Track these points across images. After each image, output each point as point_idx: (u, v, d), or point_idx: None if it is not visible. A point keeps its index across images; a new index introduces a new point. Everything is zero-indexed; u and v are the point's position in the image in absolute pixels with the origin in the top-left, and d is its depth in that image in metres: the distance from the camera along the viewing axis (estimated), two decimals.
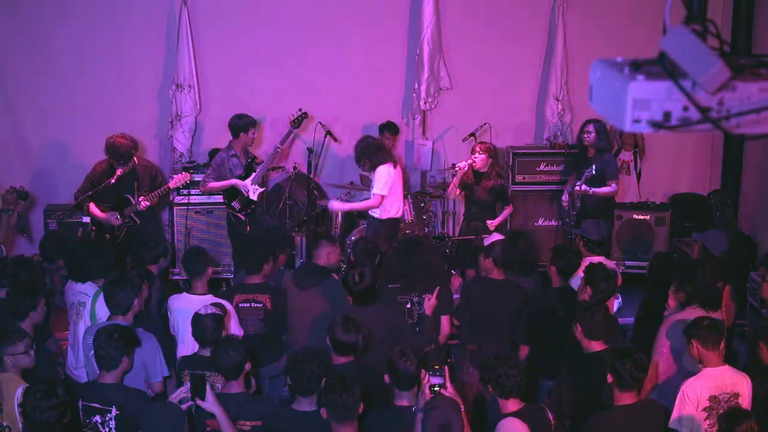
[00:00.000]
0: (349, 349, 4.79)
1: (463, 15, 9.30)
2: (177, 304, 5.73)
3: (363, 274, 5.39)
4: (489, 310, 5.91)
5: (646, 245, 8.78)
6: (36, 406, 4.05)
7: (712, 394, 4.69)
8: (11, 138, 8.91)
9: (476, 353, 5.89)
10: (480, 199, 7.81)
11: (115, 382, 4.61)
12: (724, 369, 4.78)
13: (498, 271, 6.01)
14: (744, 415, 4.26)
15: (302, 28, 9.09)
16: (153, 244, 6.21)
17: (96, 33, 8.83)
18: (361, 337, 4.78)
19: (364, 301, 5.41)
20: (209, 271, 5.79)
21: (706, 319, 4.91)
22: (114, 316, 5.18)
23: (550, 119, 9.28)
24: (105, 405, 4.50)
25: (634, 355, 4.45)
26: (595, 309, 5.01)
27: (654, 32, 7.32)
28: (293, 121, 7.91)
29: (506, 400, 4.38)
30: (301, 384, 4.34)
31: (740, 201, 9.34)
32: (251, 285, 5.86)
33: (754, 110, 2.12)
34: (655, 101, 2.13)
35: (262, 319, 5.77)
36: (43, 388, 4.13)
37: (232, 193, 7.69)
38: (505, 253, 6.03)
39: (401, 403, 4.41)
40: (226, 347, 4.55)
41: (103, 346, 4.57)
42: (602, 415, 4.51)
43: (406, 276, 5.72)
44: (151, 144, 9.10)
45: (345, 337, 4.76)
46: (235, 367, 4.54)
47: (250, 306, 5.77)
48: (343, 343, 4.77)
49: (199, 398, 4.27)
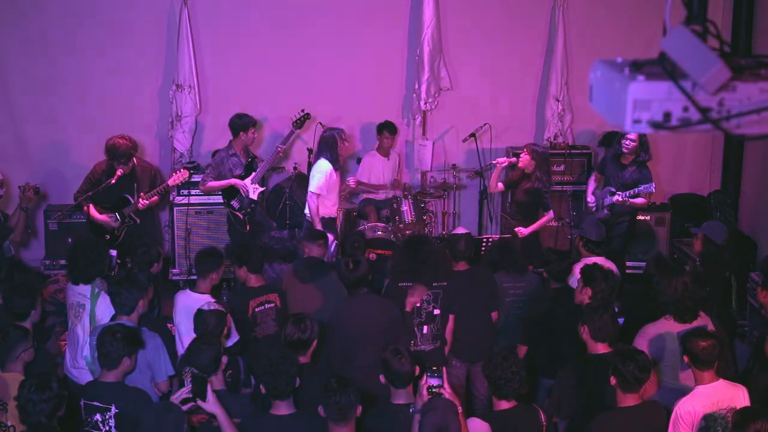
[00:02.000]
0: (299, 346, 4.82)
1: (463, 15, 9.30)
2: (180, 301, 5.76)
3: (358, 262, 5.45)
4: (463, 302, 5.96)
5: (647, 245, 8.78)
6: (30, 398, 4.10)
7: (707, 411, 4.55)
8: (11, 138, 8.92)
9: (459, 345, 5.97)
10: (518, 200, 7.80)
11: (115, 381, 4.63)
12: (717, 385, 4.64)
13: (461, 263, 6.08)
14: (758, 414, 4.22)
15: (302, 29, 9.08)
16: (145, 250, 6.17)
17: (96, 33, 8.84)
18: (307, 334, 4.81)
19: (359, 290, 5.45)
20: (213, 276, 5.78)
21: (705, 336, 4.70)
22: (119, 316, 5.20)
23: (550, 119, 9.28)
24: (105, 403, 4.52)
25: (637, 356, 4.46)
26: (603, 310, 4.98)
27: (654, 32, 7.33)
28: (295, 122, 7.91)
29: (499, 400, 4.48)
30: (278, 388, 4.28)
31: (740, 201, 9.34)
32: (258, 288, 5.88)
33: (755, 111, 2.12)
34: (656, 102, 2.13)
35: (274, 318, 5.80)
36: (38, 381, 4.17)
37: (231, 193, 7.69)
38: (493, 255, 6.12)
39: (398, 401, 4.42)
40: (198, 342, 4.66)
41: (104, 345, 4.59)
42: (606, 416, 4.52)
43: (414, 271, 5.74)
44: (151, 144, 9.11)
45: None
46: (210, 363, 4.59)
47: (265, 308, 5.81)
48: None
49: (200, 399, 4.28)
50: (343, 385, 4.08)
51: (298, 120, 7.91)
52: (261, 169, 7.71)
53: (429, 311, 5.73)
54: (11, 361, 4.80)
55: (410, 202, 8.29)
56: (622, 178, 7.63)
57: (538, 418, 4.57)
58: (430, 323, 5.73)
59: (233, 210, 7.71)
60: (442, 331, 5.82)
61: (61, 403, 4.19)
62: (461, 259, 6.10)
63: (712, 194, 9.35)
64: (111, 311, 5.37)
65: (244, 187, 7.59)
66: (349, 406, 4.07)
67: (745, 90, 2.12)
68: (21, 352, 4.82)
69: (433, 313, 5.75)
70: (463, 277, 6.04)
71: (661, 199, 9.38)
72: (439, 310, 5.76)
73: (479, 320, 6.03)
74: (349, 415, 4.09)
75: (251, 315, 5.75)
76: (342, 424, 4.09)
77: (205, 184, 7.69)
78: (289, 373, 4.27)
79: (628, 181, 7.56)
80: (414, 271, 5.74)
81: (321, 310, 5.79)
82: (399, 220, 8.19)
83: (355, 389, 4.12)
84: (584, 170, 9.06)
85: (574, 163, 9.04)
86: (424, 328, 5.72)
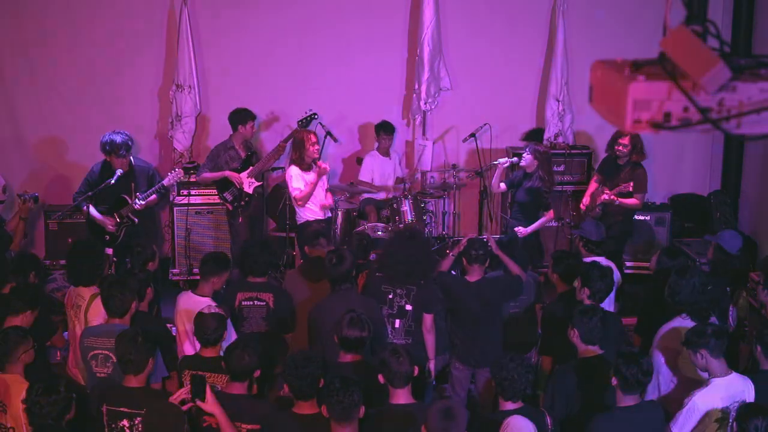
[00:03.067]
0: (356, 345, 4.80)
1: (463, 15, 9.29)
2: (181, 303, 5.75)
3: (342, 256, 5.45)
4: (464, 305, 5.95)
5: (647, 246, 8.78)
6: (36, 402, 4.13)
7: (725, 405, 4.59)
8: (11, 138, 8.92)
9: (461, 348, 5.97)
10: (519, 200, 7.81)
11: (140, 385, 4.53)
12: (732, 377, 4.68)
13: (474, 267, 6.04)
14: (760, 410, 4.24)
15: (302, 28, 9.08)
16: (140, 249, 6.08)
17: (96, 33, 8.84)
18: (367, 332, 4.79)
19: (342, 285, 5.45)
20: (214, 280, 5.75)
21: (709, 326, 4.78)
22: (111, 319, 5.17)
23: (550, 119, 9.27)
24: (134, 409, 4.45)
25: (640, 359, 4.47)
26: (592, 313, 4.98)
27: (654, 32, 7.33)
28: (301, 121, 7.93)
29: (505, 401, 4.46)
30: (301, 389, 4.32)
31: (740, 201, 9.33)
32: (254, 283, 5.85)
33: (755, 111, 2.12)
34: (656, 102, 2.13)
35: (264, 317, 5.77)
36: (46, 385, 4.21)
37: (225, 185, 7.74)
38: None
39: (397, 401, 4.42)
40: (241, 350, 4.53)
41: (130, 351, 4.47)
42: (605, 416, 4.52)
43: (388, 267, 5.74)
44: (152, 144, 9.11)
45: (351, 333, 4.77)
46: (244, 371, 4.53)
47: (253, 304, 5.77)
48: (349, 339, 4.78)
49: (199, 399, 4.27)
50: (346, 385, 4.08)
51: (304, 119, 7.94)
52: (259, 164, 7.73)
53: (401, 305, 5.70)
54: (11, 363, 4.78)
55: (410, 202, 8.29)
56: (617, 178, 7.71)
57: (544, 421, 4.55)
58: (401, 318, 5.70)
59: (225, 201, 7.79)
60: (416, 328, 5.75)
61: (69, 407, 4.22)
62: (474, 264, 6.02)
63: (712, 194, 9.34)
64: (103, 315, 5.35)
65: (239, 179, 7.64)
66: (352, 406, 4.06)
67: (745, 90, 2.12)
68: (21, 354, 4.80)
69: (405, 308, 5.70)
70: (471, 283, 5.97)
71: (661, 199, 9.39)
72: (411, 306, 5.69)
73: (486, 327, 5.96)
74: (352, 415, 4.08)
75: (237, 307, 5.72)
76: (345, 424, 4.09)
77: (200, 175, 7.91)
78: (313, 375, 4.28)
79: (622, 182, 7.63)
80: (388, 267, 5.72)
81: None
82: (399, 220, 8.19)
83: (359, 389, 4.12)
84: (584, 170, 9.06)
85: (574, 163, 9.04)
86: (396, 322, 5.70)
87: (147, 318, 5.53)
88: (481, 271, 6.02)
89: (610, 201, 7.60)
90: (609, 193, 7.59)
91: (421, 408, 4.33)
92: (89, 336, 5.10)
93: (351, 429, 4.12)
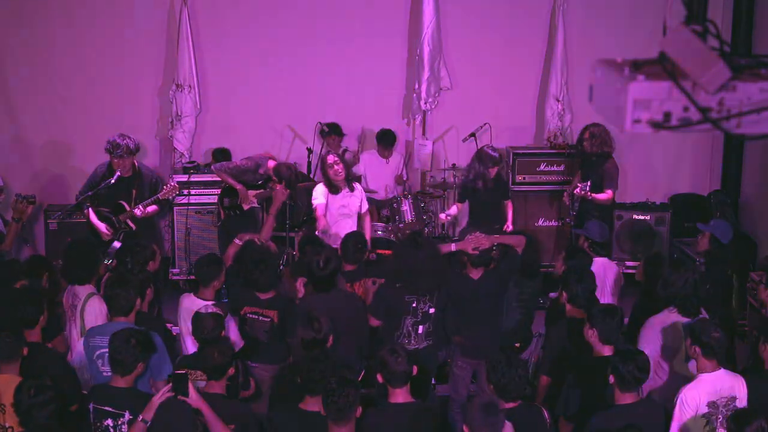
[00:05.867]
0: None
1: (463, 15, 9.29)
2: (184, 305, 5.72)
3: (329, 259, 5.45)
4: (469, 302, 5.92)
5: (647, 246, 8.78)
6: (27, 401, 4.09)
7: (711, 399, 4.63)
8: (11, 138, 8.92)
9: (465, 345, 5.94)
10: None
11: (127, 386, 4.52)
12: (720, 373, 4.72)
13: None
14: (753, 415, 4.23)
15: (302, 28, 9.08)
16: (139, 249, 6.01)
17: (96, 33, 8.84)
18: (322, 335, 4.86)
19: (325, 287, 5.46)
20: (215, 284, 5.72)
21: (715, 327, 4.77)
22: (116, 317, 5.14)
23: (550, 119, 9.27)
24: (118, 409, 4.45)
25: (637, 357, 4.49)
26: (613, 313, 4.97)
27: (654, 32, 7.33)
28: None
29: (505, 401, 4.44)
30: (314, 389, 4.34)
31: (740, 201, 9.34)
32: (261, 300, 5.64)
33: (755, 110, 2.12)
34: (656, 101, 2.13)
35: (267, 330, 5.62)
36: (35, 383, 4.15)
37: (230, 193, 7.73)
38: None
39: (395, 400, 4.42)
40: (213, 347, 4.61)
41: (119, 351, 4.45)
42: (603, 414, 4.52)
43: (409, 283, 5.62)
44: (152, 144, 9.11)
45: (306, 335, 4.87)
46: (216, 369, 4.57)
47: (258, 318, 5.63)
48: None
49: (181, 395, 4.27)
50: (343, 385, 4.08)
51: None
52: (266, 193, 7.60)
53: (425, 311, 5.64)
54: (7, 363, 4.74)
55: (410, 201, 8.29)
56: (591, 172, 7.85)
57: (542, 416, 4.56)
58: (425, 323, 5.65)
59: (221, 205, 7.78)
60: (436, 327, 5.74)
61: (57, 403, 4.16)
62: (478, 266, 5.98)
63: (712, 194, 9.34)
64: (98, 314, 5.34)
65: (245, 195, 7.62)
66: (348, 406, 4.06)
67: (745, 90, 2.12)
68: (19, 353, 4.76)
69: (429, 313, 5.65)
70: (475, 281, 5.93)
71: (661, 199, 9.39)
72: (434, 309, 5.66)
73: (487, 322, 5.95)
74: (348, 415, 4.08)
75: (242, 315, 5.63)
76: (342, 424, 4.09)
77: (221, 172, 7.70)
78: (323, 373, 4.32)
79: (594, 175, 7.73)
80: (399, 274, 5.66)
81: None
82: (399, 220, 8.19)
83: (356, 389, 4.11)
84: None
85: (574, 163, 9.04)
86: (419, 328, 5.67)
87: (147, 318, 5.51)
88: (483, 270, 6.02)
89: (582, 195, 7.60)
90: (581, 187, 7.59)
91: (421, 407, 4.33)
92: (95, 335, 5.06)
93: (347, 429, 4.12)
